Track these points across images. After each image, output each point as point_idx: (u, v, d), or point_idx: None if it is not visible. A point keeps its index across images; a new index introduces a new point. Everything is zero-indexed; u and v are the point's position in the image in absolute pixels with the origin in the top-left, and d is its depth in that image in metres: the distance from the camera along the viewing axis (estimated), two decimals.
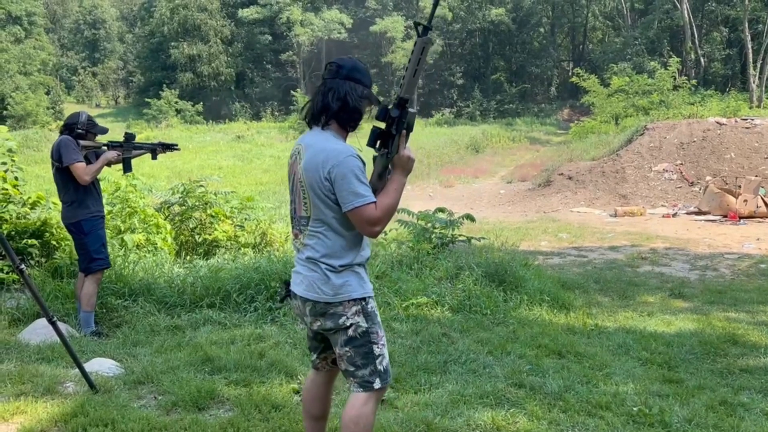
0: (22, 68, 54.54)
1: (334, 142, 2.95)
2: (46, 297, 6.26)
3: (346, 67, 3.00)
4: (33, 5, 58.82)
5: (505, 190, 24.89)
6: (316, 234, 2.97)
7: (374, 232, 2.91)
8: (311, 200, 2.94)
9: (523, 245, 13.11)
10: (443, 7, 59.26)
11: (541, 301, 7.33)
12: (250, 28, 57.39)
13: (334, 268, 2.95)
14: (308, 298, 2.99)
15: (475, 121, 51.60)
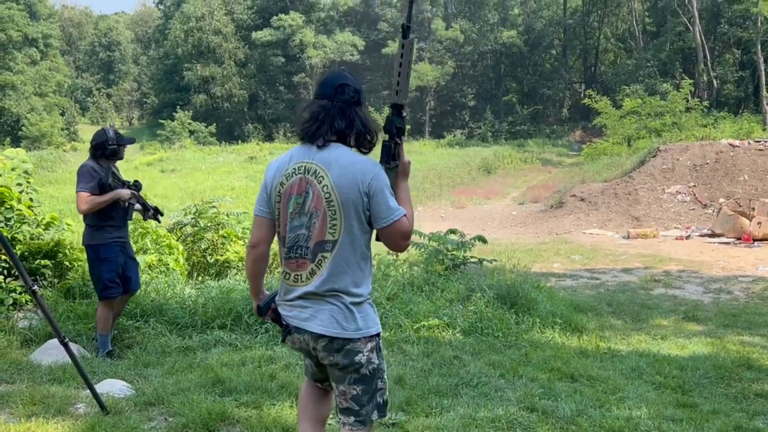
0: (37, 90, 55.17)
1: (357, 154, 2.83)
2: (59, 318, 6.28)
3: (361, 91, 2.91)
4: (49, 28, 59.59)
5: (517, 211, 24.86)
6: (342, 260, 2.76)
7: (407, 245, 2.84)
8: (343, 220, 2.73)
9: (536, 267, 13.07)
10: (455, 30, 59.61)
11: (553, 324, 7.28)
12: (264, 50, 57.85)
13: (358, 298, 2.78)
14: (325, 334, 2.77)
15: (486, 143, 51.66)
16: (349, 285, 2.77)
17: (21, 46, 55.44)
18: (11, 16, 52.94)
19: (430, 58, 59.81)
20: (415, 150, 45.05)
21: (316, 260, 2.78)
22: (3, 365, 5.46)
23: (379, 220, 2.73)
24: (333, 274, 2.76)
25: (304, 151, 2.85)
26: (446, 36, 60.06)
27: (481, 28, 62.35)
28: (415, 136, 54.79)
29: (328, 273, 2.76)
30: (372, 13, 61.07)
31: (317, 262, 2.78)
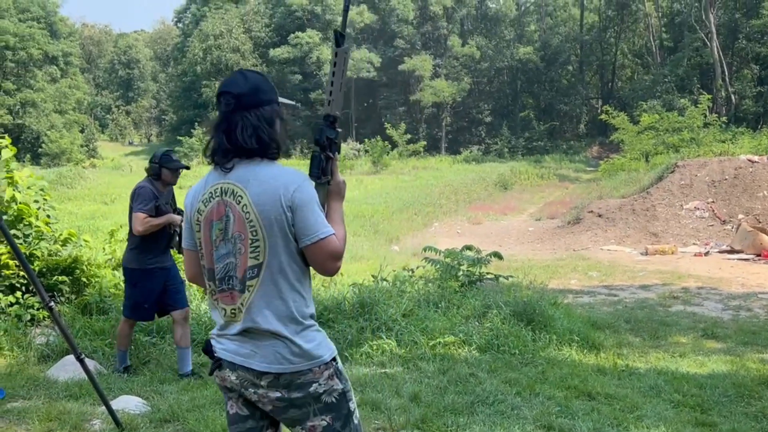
0: (57, 107, 55.84)
1: (281, 166, 2.49)
2: (76, 334, 6.31)
3: (246, 94, 2.48)
4: (69, 46, 60.37)
5: (533, 227, 24.76)
6: (271, 284, 2.42)
7: (337, 267, 2.47)
8: (267, 242, 2.40)
9: (553, 283, 12.99)
10: (471, 46, 59.76)
11: (570, 341, 7.22)
12: (281, 67, 58.26)
13: (300, 325, 2.43)
14: (269, 371, 2.43)
15: (503, 158, 51.61)
16: (287, 312, 2.43)
17: (42, 64, 56.20)
18: (32, 35, 53.72)
19: (447, 75, 59.96)
20: (432, 166, 45.06)
21: (246, 289, 2.45)
22: (20, 381, 5.49)
23: (303, 237, 2.39)
24: (265, 302, 2.43)
25: (218, 172, 2.53)
26: (462, 52, 60.22)
27: (498, 44, 62.47)
28: (431, 152, 54.84)
29: (259, 302, 2.43)
30: (388, 30, 61.36)
31: (248, 291, 2.45)
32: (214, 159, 2.50)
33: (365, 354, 6.36)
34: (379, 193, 29.92)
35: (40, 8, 57.39)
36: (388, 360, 6.28)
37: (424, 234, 23.90)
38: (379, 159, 42.18)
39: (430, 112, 61.08)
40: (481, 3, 64.63)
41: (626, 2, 58.98)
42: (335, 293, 7.69)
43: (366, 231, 22.11)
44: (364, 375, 5.83)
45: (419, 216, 26.37)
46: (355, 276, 11.00)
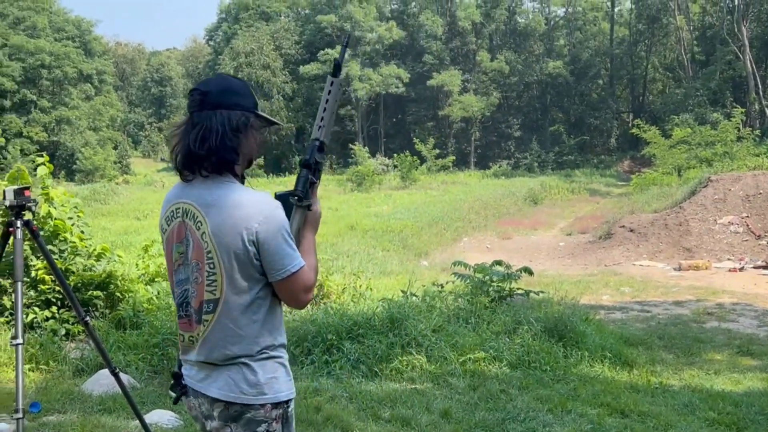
0: (91, 124, 56.71)
1: (246, 191, 2.29)
2: (109, 348, 6.39)
3: (214, 92, 2.30)
4: (103, 64, 61.36)
5: (564, 242, 24.58)
6: (230, 321, 2.26)
7: (308, 300, 2.33)
8: (224, 276, 2.23)
9: (584, 299, 12.87)
10: (500, 61, 59.71)
11: (602, 358, 7.16)
12: (311, 83, 58.69)
13: (261, 354, 2.28)
14: (220, 398, 2.28)
15: (533, 173, 51.35)
16: (246, 348, 2.27)
17: (76, 82, 57.20)
18: (67, 54, 54.73)
19: (475, 90, 59.94)
20: (461, 180, 44.96)
21: (202, 322, 2.30)
22: (55, 394, 5.57)
23: (272, 272, 2.23)
24: (222, 339, 2.27)
25: (180, 187, 2.37)
26: (491, 67, 60.19)
27: (527, 59, 62.34)
28: (460, 167, 54.74)
29: (216, 338, 2.28)
30: (417, 45, 61.55)
31: (204, 324, 2.30)
32: (176, 166, 2.33)
33: (395, 369, 6.36)
34: (408, 208, 29.91)
35: (75, 28, 58.50)
36: (418, 376, 6.27)
37: (454, 249, 23.83)
38: (408, 174, 42.19)
39: (459, 127, 61.02)
40: (510, 18, 64.56)
41: (657, 16, 58.58)
42: (365, 308, 7.70)
43: (395, 246, 22.10)
44: (394, 390, 5.82)
45: (448, 231, 26.31)
46: (385, 291, 11.03)
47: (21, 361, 3.72)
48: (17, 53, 51.93)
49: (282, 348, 2.36)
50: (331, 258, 18.80)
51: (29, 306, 6.66)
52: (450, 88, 57.31)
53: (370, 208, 30.93)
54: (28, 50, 51.89)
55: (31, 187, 5.13)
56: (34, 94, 53.34)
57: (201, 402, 2.34)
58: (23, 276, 4.36)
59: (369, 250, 20.49)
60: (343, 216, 27.95)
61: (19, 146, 50.51)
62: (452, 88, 57.37)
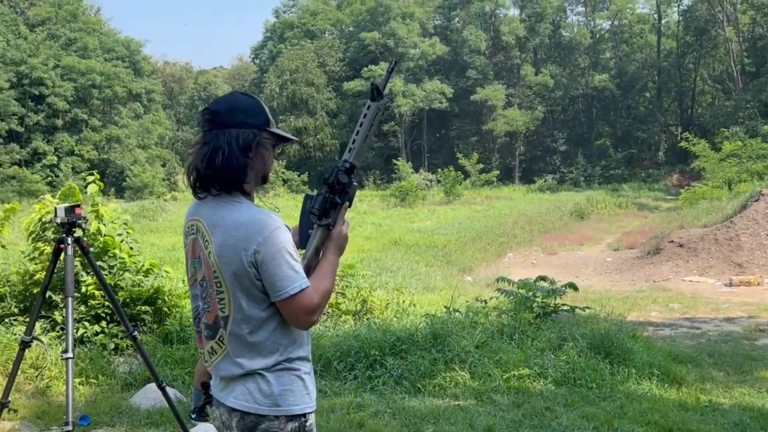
0: (140, 142, 57.85)
1: (250, 210, 2.30)
2: (157, 362, 6.49)
3: (222, 111, 2.33)
4: (152, 83, 62.65)
5: (611, 257, 24.23)
6: (239, 338, 2.30)
7: (311, 322, 2.30)
8: (230, 295, 2.28)
9: (632, 316, 12.66)
10: (544, 75, 59.39)
11: (650, 375, 7.03)
12: (354, 100, 59.09)
13: (279, 364, 2.31)
14: (236, 408, 2.32)
15: (579, 187, 50.82)
16: (261, 362, 2.30)
17: (126, 101, 58.47)
18: (117, 74, 56.02)
19: (520, 104, 59.67)
20: (505, 195, 44.71)
21: (217, 337, 2.36)
22: (104, 408, 5.68)
23: (272, 293, 2.25)
24: (236, 355, 2.32)
25: (196, 204, 2.42)
26: (536, 81, 59.87)
27: (572, 72, 61.89)
28: (504, 182, 54.48)
29: (230, 353, 2.33)
30: (460, 61, 61.59)
31: (217, 340, 2.36)
32: (189, 185, 2.37)
33: (438, 386, 6.33)
34: (452, 223, 29.83)
35: (124, 48, 59.88)
36: (461, 392, 6.24)
37: (498, 264, 23.67)
38: (452, 189, 42.10)
39: (503, 142, 60.76)
40: (554, 32, 64.26)
41: (705, 27, 57.68)
42: (408, 324, 7.69)
43: (439, 261, 22.04)
44: (437, 407, 5.80)
45: (493, 246, 26.15)
46: (428, 307, 10.99)
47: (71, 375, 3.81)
48: (69, 74, 53.33)
49: (301, 361, 2.36)
50: (375, 273, 18.85)
51: (80, 321, 6.81)
52: (494, 102, 57.15)
53: (414, 224, 30.91)
54: (80, 71, 53.24)
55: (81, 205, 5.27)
56: (86, 113, 54.68)
57: (222, 412, 2.38)
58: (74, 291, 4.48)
59: (412, 266, 20.46)
60: (387, 231, 27.99)
61: (70, 164, 51.78)
62: (496, 103, 57.21)
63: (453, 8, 65.38)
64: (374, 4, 61.73)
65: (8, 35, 53.31)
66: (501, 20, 62.51)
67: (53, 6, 56.14)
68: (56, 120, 53.09)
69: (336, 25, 67.34)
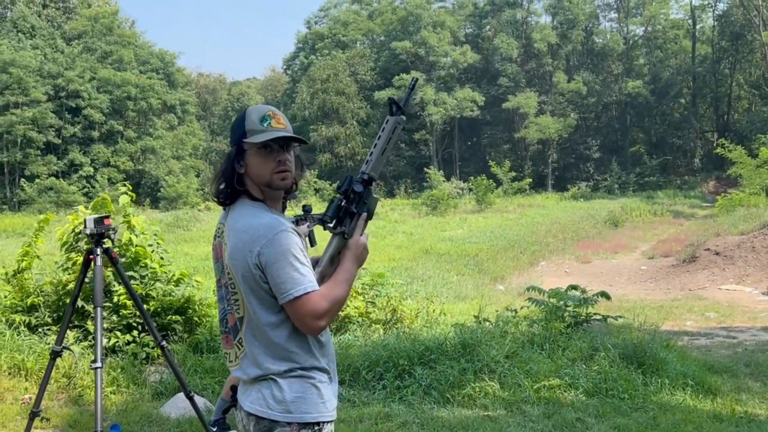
0: (175, 153, 58.53)
1: (260, 215, 2.40)
2: (187, 371, 6.54)
3: (237, 128, 2.55)
4: (186, 95, 63.41)
5: (646, 266, 23.91)
6: (254, 338, 2.37)
7: (318, 327, 2.30)
8: (243, 297, 2.37)
9: (666, 325, 12.48)
10: (577, 82, 58.97)
11: (684, 386, 6.90)
12: (385, 109, 58.27)
13: (293, 371, 2.35)
14: (251, 412, 2.37)
15: (613, 195, 50.30)
16: (275, 365, 2.35)
17: (160, 112, 59.24)
18: (152, 86, 56.81)
19: (552, 111, 59.30)
20: (538, 203, 44.37)
21: (237, 338, 2.44)
22: (135, 417, 5.73)
23: (277, 295, 2.30)
24: (254, 356, 2.38)
25: (230, 210, 2.56)
26: (568, 88, 59.47)
27: (605, 79, 61.38)
28: (537, 189, 54.11)
29: (249, 355, 2.40)
30: (492, 68, 61.43)
31: (238, 341, 2.44)
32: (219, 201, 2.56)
33: (467, 396, 6.28)
34: (483, 232, 29.69)
35: (159, 60, 60.70)
36: (490, 402, 6.18)
37: (531, 273, 23.48)
38: (484, 197, 41.89)
39: (536, 149, 60.41)
40: (587, 38, 63.82)
41: (741, 32, 56.83)
42: (437, 333, 7.65)
43: (470, 270, 21.93)
44: (467, 417, 5.76)
45: (525, 255, 25.95)
46: (459, 316, 10.95)
47: (100, 385, 3.85)
48: (105, 86, 54.22)
49: (317, 370, 2.39)
50: (406, 282, 18.81)
51: (112, 330, 6.89)
52: (526, 110, 56.88)
53: (445, 232, 30.82)
54: (115, 83, 54.09)
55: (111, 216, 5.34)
56: (121, 124, 55.51)
57: (242, 416, 2.44)
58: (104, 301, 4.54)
59: (443, 275, 20.38)
60: (418, 240, 27.95)
61: (106, 175, 52.56)
62: (528, 110, 56.93)
63: (484, 16, 65.27)
64: (405, 14, 61.88)
65: (46, 49, 54.40)
66: (533, 28, 62.24)
67: (89, 20, 57.16)
68: (92, 132, 53.97)
69: (367, 34, 67.59)
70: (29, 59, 51.03)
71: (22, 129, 49.42)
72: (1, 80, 49.74)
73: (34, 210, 43.47)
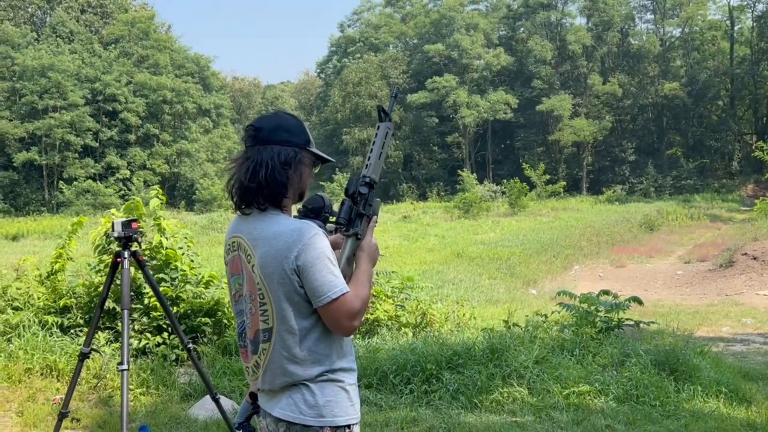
0: (210, 156, 59.12)
1: (287, 221, 2.39)
2: (215, 373, 6.58)
3: (266, 129, 2.44)
4: (220, 98, 64.05)
5: (682, 270, 23.55)
6: (284, 350, 2.35)
7: (354, 327, 2.34)
8: (274, 306, 2.34)
9: (702, 331, 12.27)
10: (612, 84, 58.36)
11: (717, 393, 6.76)
12: (418, 111, 59.18)
13: (323, 375, 2.36)
14: (283, 419, 2.38)
15: (649, 198, 49.68)
16: (305, 372, 2.36)
17: (195, 116, 59.92)
18: (187, 89, 57.48)
19: (587, 114, 58.78)
20: (572, 207, 43.92)
21: (258, 352, 2.43)
22: (163, 418, 5.77)
23: (314, 299, 2.30)
24: (278, 367, 2.38)
25: (237, 221, 2.52)
26: (603, 90, 58.90)
27: (641, 81, 60.63)
28: (571, 193, 53.62)
29: (273, 367, 2.39)
30: (526, 71, 61.05)
31: (259, 355, 2.42)
32: (233, 199, 2.47)
33: (495, 401, 6.22)
34: (516, 235, 29.47)
35: (194, 64, 61.41)
36: (518, 408, 6.12)
37: (564, 277, 23.27)
38: (517, 200, 41.57)
39: (570, 152, 59.91)
40: (622, 40, 63.13)
41: None
42: (465, 338, 7.60)
43: (502, 274, 21.79)
44: (494, 423, 5.70)
45: (558, 258, 25.72)
46: (490, 320, 10.87)
47: (126, 387, 3.88)
48: (141, 90, 54.99)
49: (344, 372, 2.42)
50: (437, 286, 18.75)
51: (142, 332, 6.96)
52: (560, 112, 56.46)
53: (477, 236, 30.65)
54: (151, 87, 54.84)
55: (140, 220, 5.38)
56: (157, 128, 56.23)
57: (268, 422, 2.45)
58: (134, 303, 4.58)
59: (475, 278, 20.29)
60: (450, 243, 27.84)
61: (142, 178, 53.29)
62: (562, 113, 56.50)
63: (518, 18, 64.92)
64: (438, 16, 61.84)
65: (84, 53, 55.34)
66: (567, 29, 61.76)
67: (126, 24, 58.04)
68: (129, 135, 54.78)
69: (400, 38, 67.69)
70: (67, 63, 51.98)
71: (61, 132, 50.35)
72: (41, 84, 50.73)
73: (72, 212, 44.20)
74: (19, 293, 7.13)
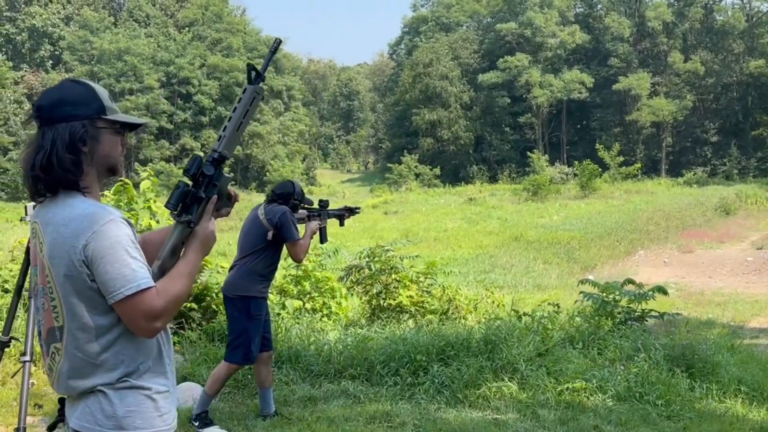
0: (281, 139, 59.72)
1: (81, 204, 2.05)
2: (197, 359, 6.42)
3: (45, 107, 2.07)
4: (292, 80, 64.54)
5: (753, 257, 22.33)
6: (77, 351, 2.04)
7: (153, 329, 2.02)
8: (62, 301, 2.03)
9: (756, 321, 11.50)
10: (694, 62, 55.95)
11: (737, 392, 6.20)
12: (489, 92, 58.14)
13: (123, 381, 2.06)
14: (78, 429, 2.09)
15: (731, 181, 47.49)
16: (104, 377, 2.05)
17: (267, 98, 60.54)
18: None
19: (667, 93, 56.56)
20: (646, 189, 42.26)
21: (50, 353, 2.11)
22: None
23: (106, 295, 1.98)
24: (75, 370, 2.07)
25: (39, 205, 2.17)
26: (685, 69, 56.52)
27: (725, 58, 57.88)
28: (650, 175, 51.75)
29: (68, 370, 2.08)
30: (602, 49, 59.11)
31: (51, 356, 2.11)
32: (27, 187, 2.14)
33: (482, 396, 5.84)
34: (580, 219, 28.57)
35: (266, 47, 61.93)
36: (504, 405, 5.72)
37: (626, 263, 22.42)
38: (588, 183, 40.33)
39: (649, 133, 57.79)
40: (706, 16, 60.32)
41: None
42: (460, 329, 7.21)
43: (558, 259, 21.13)
44: (471, 420, 5.34)
45: (622, 243, 24.79)
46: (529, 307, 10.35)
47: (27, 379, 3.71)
48: (214, 72, 55.89)
49: (153, 377, 2.11)
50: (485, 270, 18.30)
51: None
52: (638, 91, 54.55)
53: (541, 219, 29.91)
54: (224, 69, 55.67)
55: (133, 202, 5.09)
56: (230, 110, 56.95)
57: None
58: None
59: (529, 263, 19.72)
60: (510, 226, 27.24)
61: None
62: (640, 92, 54.58)
63: None
64: None
65: (159, 37, 56.61)
66: (647, 6, 59.47)
67: (200, 8, 59.01)
68: (202, 117, 55.81)
69: (473, 16, 66.55)
70: (143, 47, 53.26)
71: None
72: (117, 68, 52.17)
73: None
74: (11, 275, 7.10)
